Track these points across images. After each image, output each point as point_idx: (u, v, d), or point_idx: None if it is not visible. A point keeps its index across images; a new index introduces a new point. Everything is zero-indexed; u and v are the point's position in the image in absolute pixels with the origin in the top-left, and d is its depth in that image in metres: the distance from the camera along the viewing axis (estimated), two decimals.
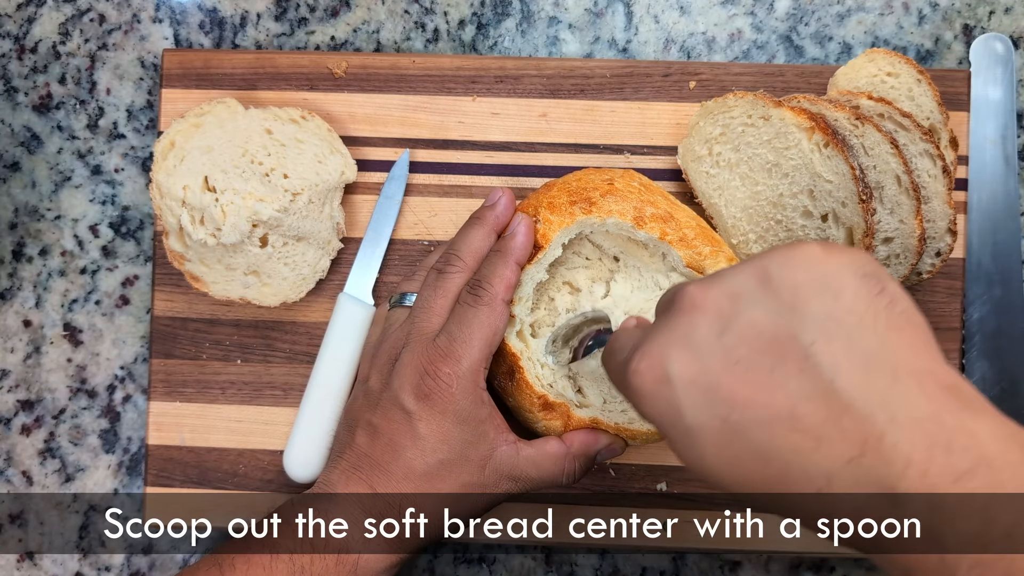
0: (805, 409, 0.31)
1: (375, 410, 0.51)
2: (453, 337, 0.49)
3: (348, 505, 0.49)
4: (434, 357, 0.49)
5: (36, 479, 0.63)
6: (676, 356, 0.34)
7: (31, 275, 0.64)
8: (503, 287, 0.50)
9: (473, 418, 0.49)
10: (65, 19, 0.65)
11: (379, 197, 0.60)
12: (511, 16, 0.64)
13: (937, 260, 0.55)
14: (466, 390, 0.49)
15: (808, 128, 0.52)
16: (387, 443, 0.50)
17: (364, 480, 0.50)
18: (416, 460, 0.49)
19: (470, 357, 0.49)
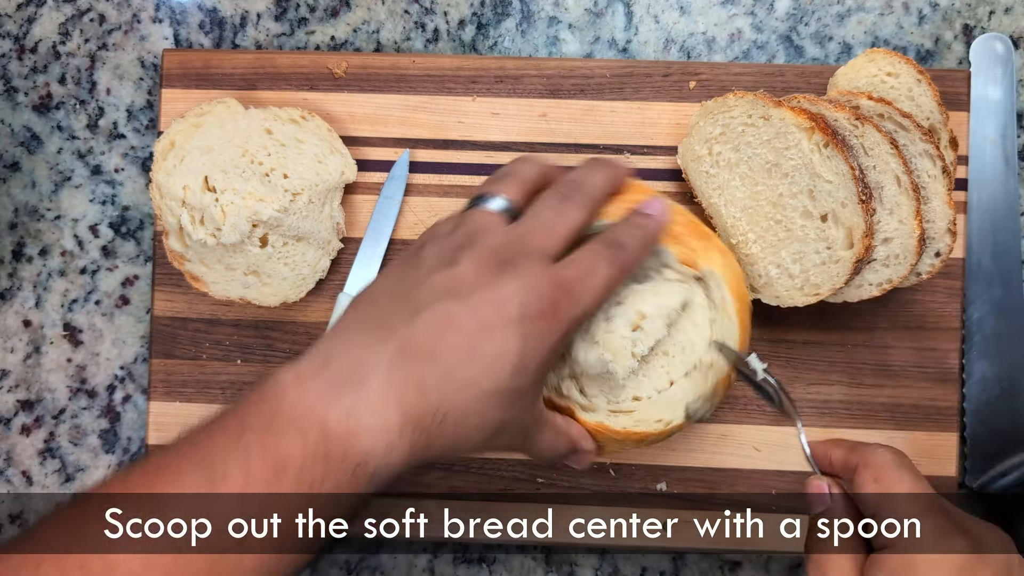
0: None
1: (464, 301, 0.41)
2: (582, 281, 0.43)
3: (387, 403, 0.39)
4: (558, 286, 0.42)
5: (36, 479, 0.63)
6: None
7: (31, 275, 0.64)
8: (636, 261, 0.45)
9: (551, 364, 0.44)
10: (65, 19, 0.65)
11: (379, 197, 0.60)
12: (511, 16, 0.64)
13: (937, 260, 0.55)
14: (565, 336, 0.42)
15: (808, 128, 0.52)
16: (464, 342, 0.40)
17: (415, 373, 0.40)
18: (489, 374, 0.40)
19: (587, 307, 0.43)
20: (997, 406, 0.59)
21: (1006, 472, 0.59)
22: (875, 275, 0.54)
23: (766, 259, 0.55)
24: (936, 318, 0.60)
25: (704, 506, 0.59)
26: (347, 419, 0.38)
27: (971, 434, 0.60)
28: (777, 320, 0.59)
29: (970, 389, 0.60)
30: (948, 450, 0.59)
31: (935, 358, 0.59)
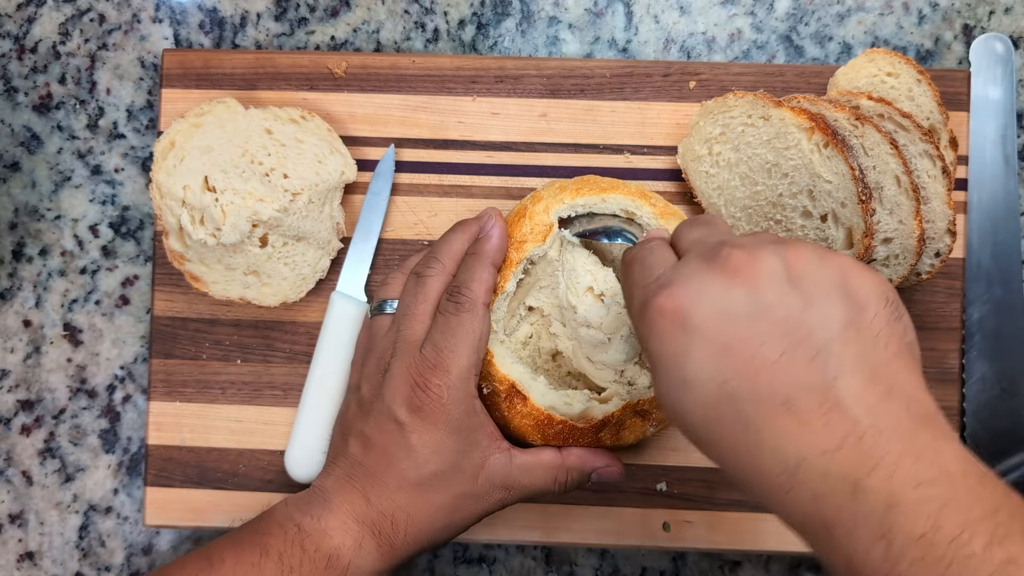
0: (801, 396, 0.33)
1: (367, 420, 0.51)
2: (439, 348, 0.49)
3: (341, 512, 0.49)
4: (423, 368, 0.49)
5: (36, 479, 0.63)
6: (703, 309, 0.36)
7: (31, 275, 0.64)
8: (482, 291, 0.50)
9: (465, 427, 0.49)
10: (65, 19, 0.65)
11: (366, 194, 0.60)
12: (511, 16, 0.64)
13: (936, 260, 0.55)
14: (457, 400, 0.49)
15: (808, 128, 0.52)
16: (380, 453, 0.50)
17: (358, 489, 0.50)
18: (409, 471, 0.49)
19: (458, 366, 0.49)
20: (997, 406, 0.59)
21: (1006, 472, 0.59)
22: None
23: None
24: (936, 318, 0.60)
25: (704, 506, 0.59)
26: (318, 522, 0.49)
27: (971, 434, 0.60)
28: None
29: (970, 389, 0.60)
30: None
31: (935, 358, 0.59)
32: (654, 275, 0.39)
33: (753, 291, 0.35)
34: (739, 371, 0.34)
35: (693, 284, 0.37)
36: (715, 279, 0.36)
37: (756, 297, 0.35)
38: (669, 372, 0.36)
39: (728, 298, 0.36)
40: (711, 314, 0.36)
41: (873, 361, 0.34)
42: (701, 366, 0.35)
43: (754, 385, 0.34)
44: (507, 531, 0.59)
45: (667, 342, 0.36)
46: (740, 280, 0.36)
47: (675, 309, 0.36)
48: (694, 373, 0.35)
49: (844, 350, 0.34)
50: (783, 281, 0.35)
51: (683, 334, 0.36)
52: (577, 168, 0.60)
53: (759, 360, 0.34)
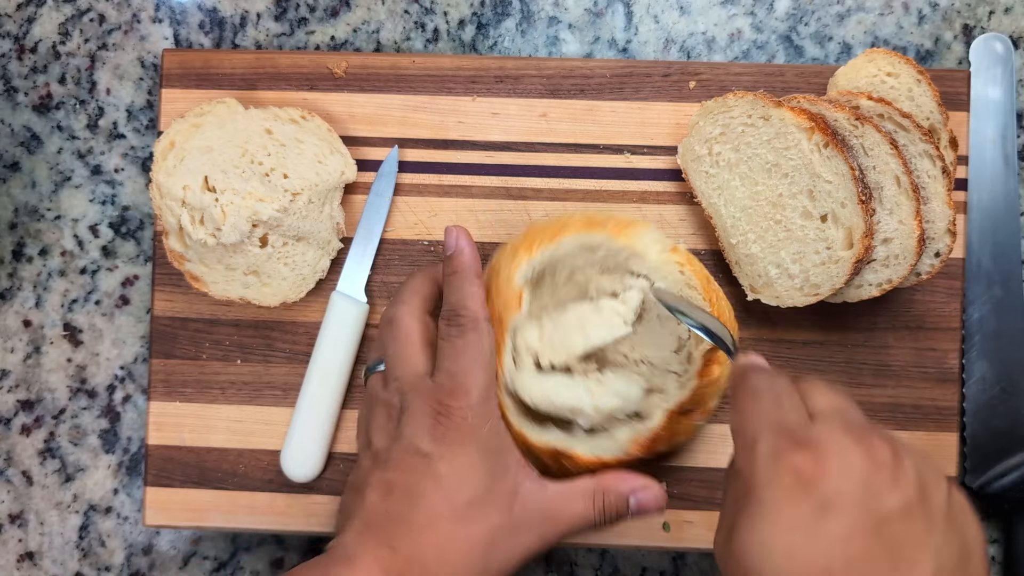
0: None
1: (386, 467, 0.47)
2: (453, 372, 0.47)
3: (365, 566, 0.44)
4: (441, 395, 0.47)
5: (36, 479, 0.63)
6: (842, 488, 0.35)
7: (31, 275, 0.64)
8: (478, 306, 0.49)
9: (495, 448, 0.47)
10: (65, 19, 0.65)
11: (368, 195, 0.60)
12: (511, 16, 0.64)
13: (936, 260, 0.55)
14: (483, 419, 0.47)
15: (808, 128, 0.52)
16: (404, 494, 0.46)
17: (381, 539, 0.45)
18: (440, 504, 0.45)
19: (478, 386, 0.47)
20: (997, 406, 0.59)
21: (1006, 472, 0.59)
22: (875, 275, 0.54)
23: (766, 259, 0.55)
24: (936, 318, 0.60)
25: (704, 506, 0.59)
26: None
27: (971, 434, 0.60)
28: (777, 320, 0.59)
29: (970, 389, 0.60)
30: (948, 450, 0.59)
31: (935, 358, 0.59)
32: (788, 422, 0.38)
33: (891, 491, 0.35)
34: (850, 566, 0.34)
35: (838, 458, 0.36)
36: (862, 461, 0.36)
37: (892, 498, 0.35)
38: (774, 530, 0.35)
39: (868, 487, 0.35)
40: (849, 497, 0.35)
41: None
42: (817, 543, 0.34)
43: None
44: None
45: (790, 503, 0.35)
46: (883, 474, 0.36)
47: (815, 474, 0.35)
48: (803, 545, 0.35)
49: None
50: (917, 493, 0.36)
51: (813, 503, 0.35)
52: (577, 168, 0.60)
53: (872, 564, 0.34)
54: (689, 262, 0.53)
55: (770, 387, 0.40)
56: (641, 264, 0.53)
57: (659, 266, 0.52)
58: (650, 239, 0.52)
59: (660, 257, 0.52)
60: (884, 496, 0.35)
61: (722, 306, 0.53)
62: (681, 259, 0.53)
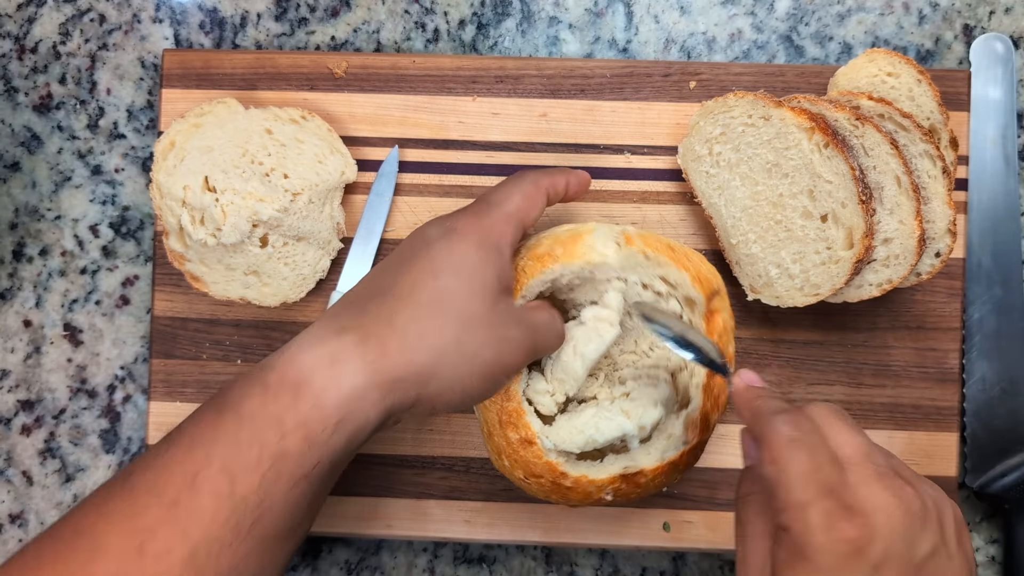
0: None
1: (393, 254, 0.46)
2: (494, 191, 0.49)
3: (318, 330, 0.41)
4: (470, 205, 0.48)
5: (36, 479, 0.63)
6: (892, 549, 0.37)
7: (31, 275, 0.64)
8: (550, 181, 0.50)
9: (492, 255, 0.45)
10: (65, 19, 0.65)
11: (369, 195, 0.60)
12: (511, 16, 0.64)
13: (936, 261, 0.55)
14: (493, 227, 0.46)
15: (808, 128, 0.52)
16: (395, 270, 0.44)
17: (352, 309, 0.42)
18: (425, 278, 0.43)
19: (504, 206, 0.48)
20: (997, 406, 0.59)
21: (1006, 472, 0.59)
22: (875, 275, 0.54)
23: (766, 259, 0.55)
24: (936, 318, 0.60)
25: (704, 506, 0.59)
26: (284, 351, 0.40)
27: (971, 434, 0.60)
28: (777, 320, 0.59)
29: (970, 389, 0.60)
30: (948, 450, 0.59)
31: (935, 358, 0.59)
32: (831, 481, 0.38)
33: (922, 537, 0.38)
34: None
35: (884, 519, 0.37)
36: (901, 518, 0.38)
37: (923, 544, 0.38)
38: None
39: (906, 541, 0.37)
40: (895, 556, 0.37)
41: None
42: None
43: None
44: (507, 531, 0.60)
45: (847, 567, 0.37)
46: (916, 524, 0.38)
47: (867, 542, 0.37)
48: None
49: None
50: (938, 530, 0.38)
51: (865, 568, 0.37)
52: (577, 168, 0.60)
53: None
54: (645, 242, 0.51)
55: (803, 436, 0.40)
56: (606, 269, 0.51)
57: (623, 264, 0.51)
58: (601, 242, 0.50)
59: (619, 255, 0.50)
60: (919, 543, 0.38)
61: (695, 264, 0.51)
62: (638, 245, 0.51)
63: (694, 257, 0.52)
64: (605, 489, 0.50)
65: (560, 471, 0.49)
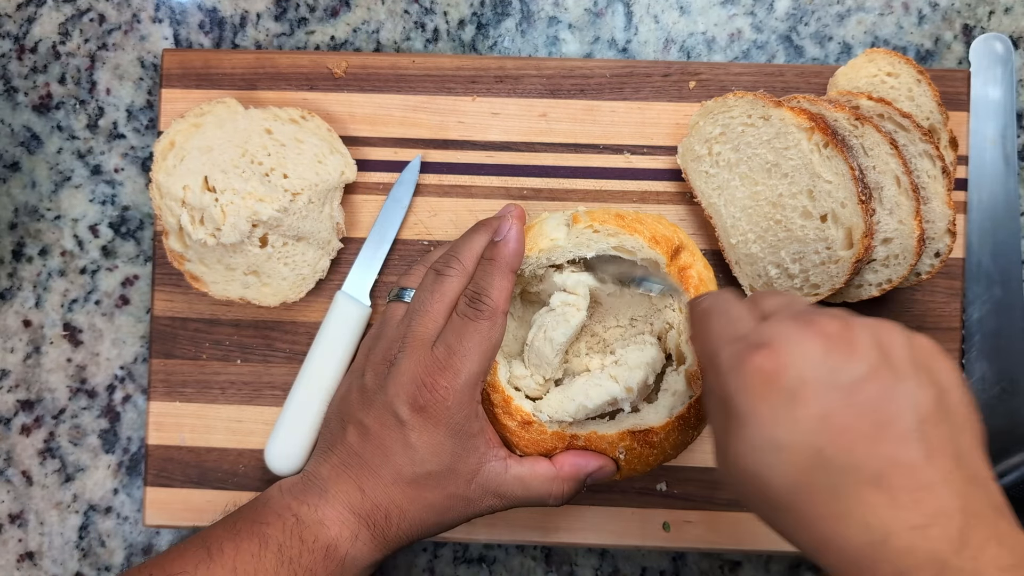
0: (893, 472, 0.34)
1: (368, 410, 0.50)
2: (452, 350, 0.49)
3: (338, 503, 0.49)
4: (432, 369, 0.48)
5: (36, 479, 0.63)
6: (804, 373, 0.36)
7: (31, 275, 0.64)
8: (502, 299, 0.50)
9: (466, 432, 0.49)
10: (65, 19, 0.65)
11: (387, 199, 0.60)
12: (511, 16, 0.64)
13: (936, 260, 0.55)
14: (462, 404, 0.48)
15: (808, 128, 0.52)
16: (378, 446, 0.50)
17: (354, 480, 0.50)
18: (405, 468, 0.49)
19: (468, 371, 0.48)
20: (997, 406, 0.59)
21: (1006, 472, 0.59)
22: (875, 275, 0.54)
23: (766, 259, 0.55)
24: (936, 318, 0.60)
25: (704, 506, 0.59)
26: (315, 512, 0.49)
27: None
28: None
29: (970, 389, 0.60)
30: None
31: None
32: (740, 331, 0.39)
33: (850, 361, 0.36)
34: (835, 440, 0.35)
35: (793, 346, 0.37)
36: (814, 343, 0.37)
37: (853, 367, 0.36)
38: (759, 432, 0.36)
39: (827, 365, 0.36)
40: (812, 379, 0.36)
41: (958, 445, 0.35)
42: (798, 430, 0.35)
43: (849, 456, 0.35)
44: (507, 531, 0.59)
45: (763, 402, 0.36)
46: (838, 348, 0.36)
47: (776, 370, 0.36)
48: (789, 436, 0.36)
49: (935, 431, 0.35)
50: (877, 355, 0.36)
51: (782, 396, 0.36)
52: (577, 168, 0.60)
53: (855, 432, 0.35)
54: (592, 217, 0.52)
55: (717, 304, 0.42)
56: (560, 252, 0.52)
57: (575, 243, 0.52)
58: (551, 227, 0.52)
59: (568, 236, 0.52)
60: (844, 366, 0.36)
61: (649, 227, 0.52)
62: (585, 222, 0.52)
63: (648, 220, 0.53)
64: (618, 446, 0.51)
65: (569, 435, 0.51)
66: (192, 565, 0.47)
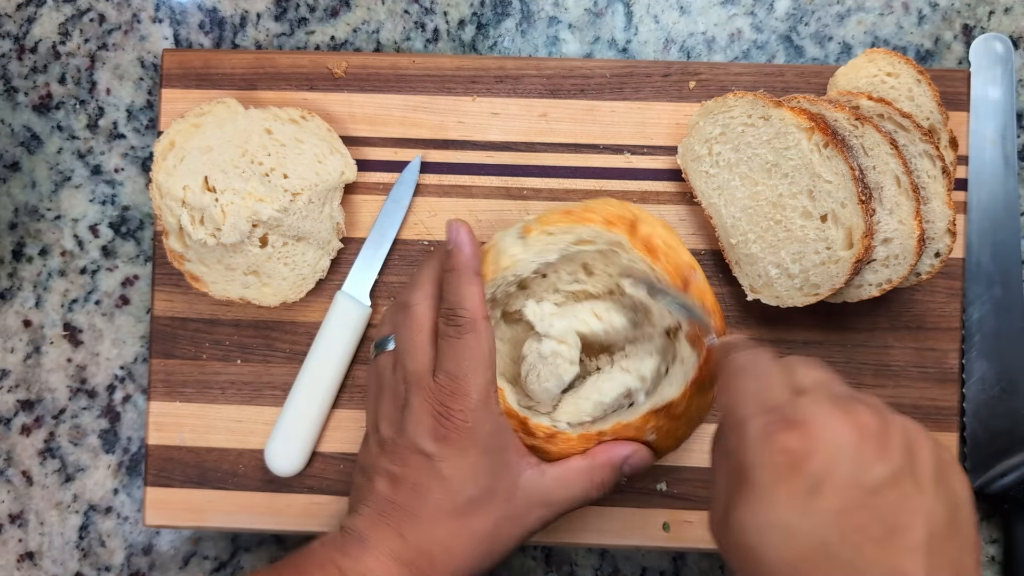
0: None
1: (393, 458, 0.49)
2: (452, 374, 0.48)
3: (379, 552, 0.47)
4: (442, 397, 0.48)
5: (36, 479, 0.63)
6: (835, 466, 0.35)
7: (31, 275, 0.64)
8: (476, 305, 0.49)
9: (495, 446, 0.48)
10: (65, 19, 0.65)
11: (386, 199, 0.60)
12: (511, 16, 0.64)
13: (936, 261, 0.55)
14: (482, 420, 0.48)
15: (808, 128, 0.52)
16: (411, 488, 0.48)
17: (392, 526, 0.48)
18: (444, 501, 0.47)
19: (476, 387, 0.48)
20: (997, 406, 0.59)
21: (1006, 472, 0.59)
22: (875, 275, 0.54)
23: (766, 259, 0.55)
24: (936, 318, 0.60)
25: (704, 506, 0.59)
26: (357, 563, 0.47)
27: (971, 434, 0.60)
28: (777, 320, 0.59)
29: (970, 389, 0.60)
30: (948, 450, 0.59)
31: (935, 358, 0.59)
32: (775, 400, 0.38)
33: (878, 461, 0.35)
34: (846, 537, 0.34)
35: (828, 432, 0.36)
36: (849, 435, 0.36)
37: (879, 469, 0.35)
38: (771, 511, 0.36)
39: (856, 461, 0.35)
40: (838, 473, 0.35)
41: (961, 565, 0.35)
42: (812, 519, 0.35)
43: (856, 556, 0.34)
44: None
45: (784, 483, 0.35)
46: (870, 446, 0.36)
47: (805, 453, 0.35)
48: (800, 522, 0.35)
49: (942, 548, 0.35)
50: (904, 460, 0.36)
51: (804, 482, 0.35)
52: (577, 168, 0.60)
53: (867, 534, 0.34)
54: (543, 221, 0.51)
55: (753, 364, 0.41)
56: (524, 264, 0.51)
57: (535, 252, 0.51)
58: (507, 244, 0.51)
59: (526, 247, 0.51)
60: (872, 466, 0.35)
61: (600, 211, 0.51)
62: (538, 228, 0.51)
63: (596, 204, 0.52)
64: (645, 430, 0.50)
65: (595, 433, 0.50)
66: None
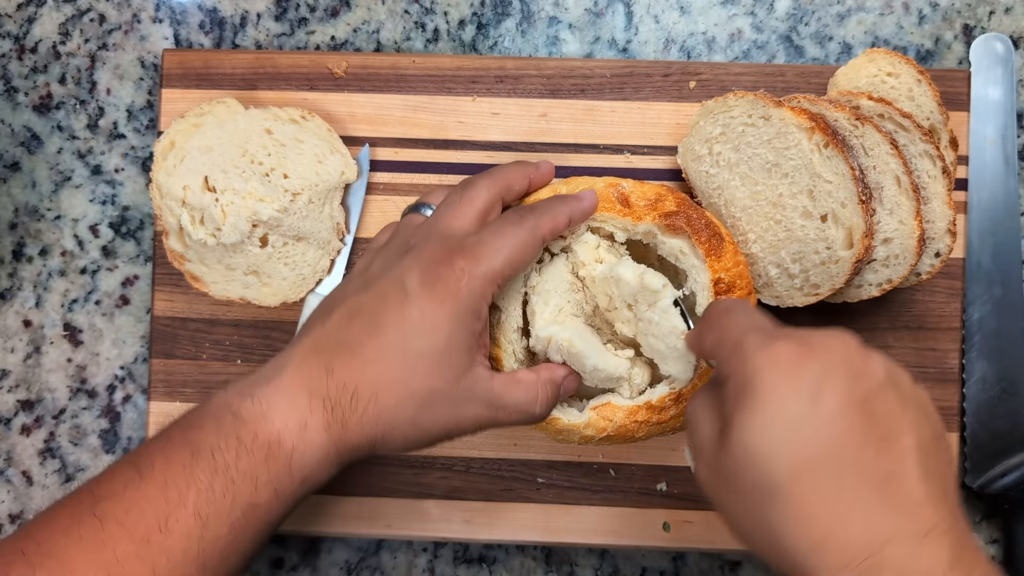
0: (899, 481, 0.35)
1: (367, 290, 0.46)
2: (482, 240, 0.45)
3: (292, 386, 0.43)
4: (454, 250, 0.45)
5: (36, 479, 0.63)
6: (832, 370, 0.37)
7: (31, 275, 0.64)
8: (551, 225, 0.47)
9: (467, 324, 0.45)
10: (65, 19, 0.65)
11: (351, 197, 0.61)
12: (511, 16, 0.64)
13: (936, 261, 0.55)
14: (473, 292, 0.44)
15: (808, 128, 0.52)
16: (368, 321, 0.44)
17: (322, 361, 0.44)
18: (395, 343, 0.44)
19: (491, 263, 0.45)
20: (997, 406, 0.59)
21: (1006, 472, 0.59)
22: (875, 275, 0.54)
23: (766, 259, 0.55)
24: (936, 318, 0.60)
25: (704, 506, 0.59)
26: (257, 405, 0.43)
27: (971, 434, 0.60)
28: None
29: (970, 389, 0.60)
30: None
31: (935, 358, 0.59)
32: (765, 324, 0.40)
33: (866, 372, 0.37)
34: (849, 437, 0.36)
35: (821, 340, 0.38)
36: (839, 347, 0.37)
37: (869, 379, 0.37)
38: (778, 409, 0.36)
39: (848, 369, 0.37)
40: (836, 376, 0.36)
41: (946, 479, 0.37)
42: (817, 416, 0.36)
43: (859, 456, 0.35)
44: (507, 531, 0.60)
45: (788, 380, 0.36)
46: (858, 362, 0.37)
47: (806, 355, 0.37)
48: (807, 418, 0.36)
49: (931, 459, 0.36)
50: (887, 376, 0.37)
51: (806, 380, 0.36)
52: (577, 168, 0.60)
53: (867, 435, 0.36)
54: None
55: (740, 304, 0.43)
56: None
57: None
58: None
59: None
60: (862, 376, 0.37)
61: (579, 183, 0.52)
62: None
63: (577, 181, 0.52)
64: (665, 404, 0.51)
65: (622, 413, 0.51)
66: (121, 487, 0.41)
